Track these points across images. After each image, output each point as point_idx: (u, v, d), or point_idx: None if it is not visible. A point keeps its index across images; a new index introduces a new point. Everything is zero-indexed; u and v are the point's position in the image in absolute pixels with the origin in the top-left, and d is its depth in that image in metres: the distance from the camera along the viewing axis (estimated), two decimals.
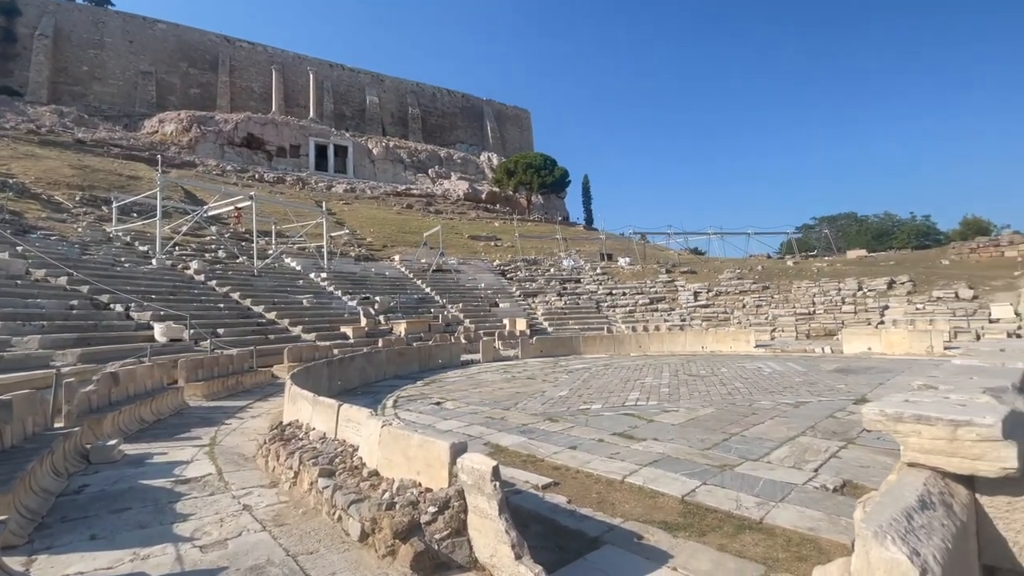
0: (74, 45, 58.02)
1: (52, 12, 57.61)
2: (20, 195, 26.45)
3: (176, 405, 9.68)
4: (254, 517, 4.45)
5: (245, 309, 19.15)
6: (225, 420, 8.82)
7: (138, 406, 8.36)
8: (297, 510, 4.56)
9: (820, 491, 4.94)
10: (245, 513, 4.55)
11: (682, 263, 39.53)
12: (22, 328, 10.74)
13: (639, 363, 17.35)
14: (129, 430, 7.67)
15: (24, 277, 14.48)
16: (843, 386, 11.17)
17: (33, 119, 46.83)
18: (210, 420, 8.78)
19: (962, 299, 22.97)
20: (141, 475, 5.66)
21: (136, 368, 9.30)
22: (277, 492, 5.08)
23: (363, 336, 19.44)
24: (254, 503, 4.80)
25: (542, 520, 4.40)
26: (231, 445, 7.12)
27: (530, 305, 30.65)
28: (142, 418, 8.35)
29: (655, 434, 7.30)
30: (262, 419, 8.84)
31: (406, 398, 11.31)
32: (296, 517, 4.42)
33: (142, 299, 15.56)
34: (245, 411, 9.74)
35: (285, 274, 25.42)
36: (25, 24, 55.49)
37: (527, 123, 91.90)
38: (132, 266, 19.52)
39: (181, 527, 4.22)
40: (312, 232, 31.32)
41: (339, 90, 72.98)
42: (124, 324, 14.22)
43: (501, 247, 44.07)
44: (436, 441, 3.67)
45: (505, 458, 6.28)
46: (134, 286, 16.64)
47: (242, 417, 9.17)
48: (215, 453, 6.66)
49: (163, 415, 8.97)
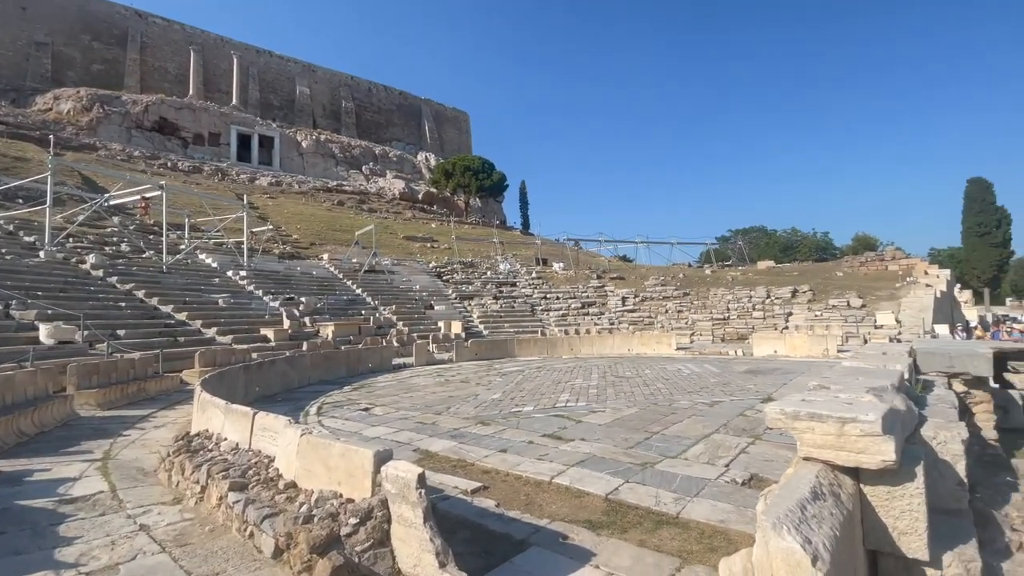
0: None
1: None
2: None
3: (63, 415, 8.65)
4: (152, 537, 4.06)
5: (151, 309, 17.52)
6: (123, 431, 8.00)
7: (16, 417, 7.38)
8: (204, 528, 4.21)
9: (730, 485, 5.29)
10: (142, 534, 4.14)
11: (612, 269, 41.08)
12: None
13: (570, 365, 17.78)
14: (5, 444, 6.76)
15: None
16: (752, 386, 12.07)
17: None
18: (105, 432, 7.92)
19: (853, 307, 25.65)
20: (18, 495, 5.00)
21: (15, 374, 8.20)
22: (181, 509, 4.67)
23: (286, 339, 18.42)
24: (153, 522, 4.38)
25: (470, 525, 4.37)
26: (129, 459, 6.46)
27: (466, 308, 30.50)
28: (21, 430, 7.38)
29: (583, 434, 7.50)
30: (167, 429, 8.11)
31: (332, 404, 10.84)
32: (202, 535, 4.08)
33: (25, 296, 13.79)
34: (147, 421, 8.90)
35: (199, 271, 23.55)
36: None
37: (466, 125, 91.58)
38: (15, 259, 17.24)
39: (64, 552, 3.76)
40: (232, 227, 29.28)
41: (266, 78, 68.89)
42: (2, 324, 12.54)
43: (437, 249, 43.54)
44: (359, 449, 3.52)
45: (434, 464, 6.18)
46: (16, 281, 14.72)
47: (143, 428, 8.37)
48: (109, 468, 6.02)
49: (47, 427, 7.98)
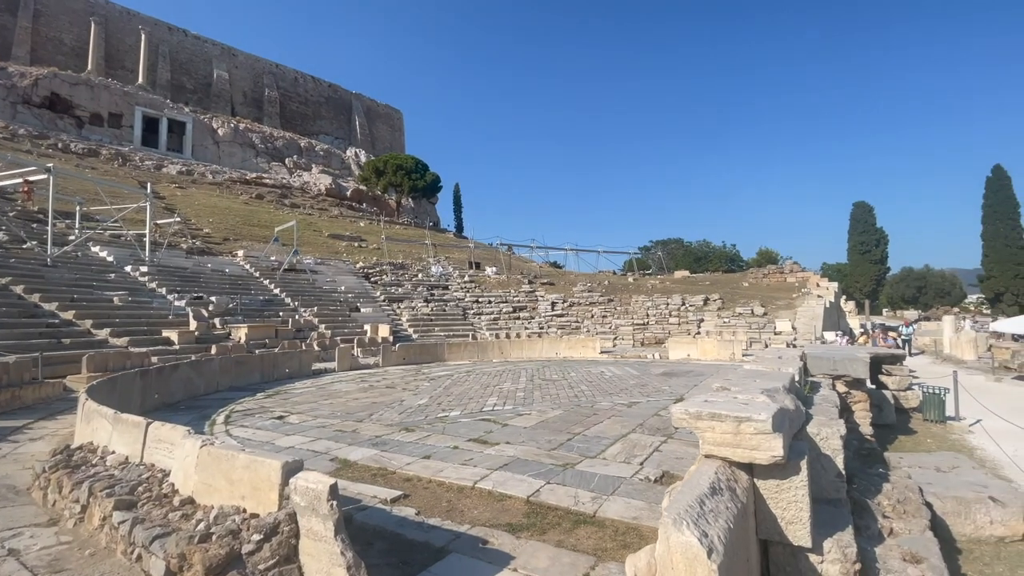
0: None
1: None
2: None
3: None
4: (23, 563, 3.58)
5: (31, 306, 15.45)
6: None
7: None
8: (83, 551, 3.78)
9: (644, 483, 5.57)
10: (11, 559, 3.65)
11: (543, 275, 41.91)
12: None
13: (500, 369, 17.88)
14: None
15: None
16: (667, 388, 12.80)
17: None
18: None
19: (756, 315, 28.00)
20: None
21: None
22: (58, 531, 4.15)
23: (192, 342, 16.98)
24: (24, 546, 3.87)
25: (387, 535, 4.25)
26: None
27: (395, 311, 29.73)
28: None
29: (508, 438, 7.57)
30: (45, 442, 7.19)
31: (242, 412, 10.13)
32: (81, 560, 3.65)
33: None
34: (22, 433, 7.83)
35: (91, 266, 21.12)
36: None
37: (399, 123, 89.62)
38: None
39: None
40: (132, 217, 26.58)
41: (179, 58, 63.37)
42: None
43: (366, 249, 42.12)
44: (266, 460, 3.31)
45: (353, 473, 5.97)
46: None
47: (17, 440, 7.36)
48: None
49: None
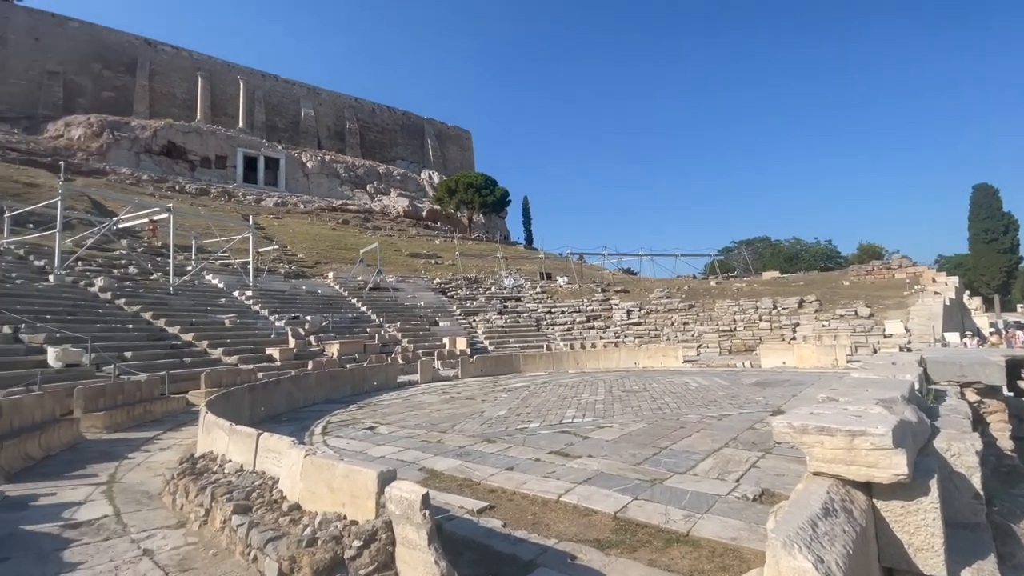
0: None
1: None
2: None
3: (70, 439, 8.65)
4: (156, 563, 4.02)
5: (158, 330, 17.61)
6: (128, 454, 7.98)
7: (23, 440, 7.39)
8: (207, 551, 4.17)
9: (741, 501, 5.19)
10: (145, 559, 4.10)
11: (616, 283, 41.04)
12: None
13: (576, 380, 17.65)
14: (12, 468, 6.75)
15: None
16: (761, 399, 11.92)
17: None
18: (110, 455, 7.91)
19: (861, 316, 25.41)
20: (24, 519, 4.98)
21: (23, 398, 8.23)
22: (185, 533, 4.63)
23: (291, 358, 18.43)
24: (156, 547, 4.34)
25: (476, 546, 4.30)
26: (134, 482, 6.44)
27: (471, 324, 30.47)
28: (28, 454, 7.37)
29: (590, 451, 7.41)
30: (172, 451, 8.09)
31: (337, 424, 10.79)
32: (205, 560, 4.03)
33: (34, 319, 13.91)
34: (153, 443, 8.88)
35: (205, 292, 23.72)
36: None
37: (468, 143, 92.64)
38: (25, 283, 17.46)
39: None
40: (238, 247, 29.54)
41: (272, 101, 70.18)
42: (12, 348, 12.65)
43: (441, 265, 43.69)
44: (363, 470, 3.49)
45: (440, 483, 6.12)
46: (25, 305, 14.87)
47: (149, 450, 8.35)
48: (114, 492, 5.99)
49: (53, 450, 7.98)
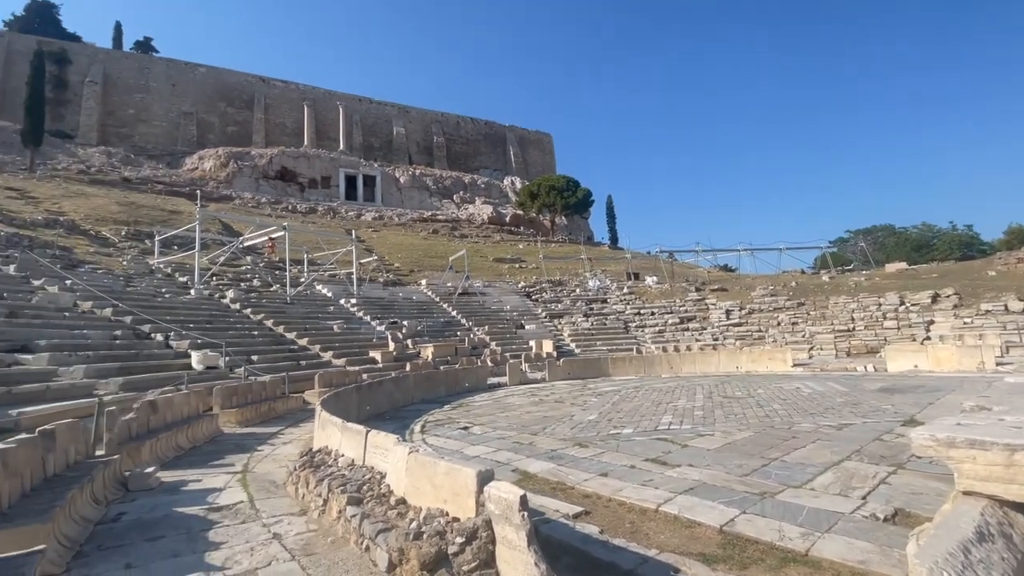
0: (121, 90, 62.15)
1: (102, 60, 62.09)
2: (70, 232, 28.06)
3: (211, 432, 9.89)
4: (283, 546, 4.44)
5: (278, 336, 19.62)
6: (257, 447, 8.95)
7: (175, 433, 8.57)
8: (326, 539, 4.54)
9: (870, 520, 4.64)
10: (275, 542, 4.55)
11: (712, 281, 38.77)
12: (68, 359, 11.24)
13: (671, 385, 16.91)
14: (166, 457, 7.85)
15: (72, 309, 15.23)
16: (889, 406, 10.60)
17: (83, 160, 50.02)
18: (243, 447, 8.91)
19: (1012, 312, 21.70)
20: (176, 503, 5.75)
21: (174, 396, 9.58)
22: (306, 520, 5.07)
23: (391, 360, 19.60)
24: (284, 531, 4.80)
25: (573, 551, 4.25)
26: (263, 472, 7.19)
27: (556, 326, 30.44)
28: (179, 445, 8.54)
29: (690, 460, 7.04)
30: (293, 445, 8.92)
31: (434, 423, 11.28)
32: (325, 546, 4.39)
33: (181, 328, 16.14)
34: (277, 437, 9.86)
35: (316, 301, 26.03)
36: (76, 72, 59.86)
37: (549, 146, 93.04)
38: (172, 296, 20.33)
39: (213, 556, 4.25)
40: (342, 259, 32.08)
41: (367, 122, 75.64)
42: (163, 353, 14.75)
43: (526, 269, 44.17)
44: (462, 469, 3.61)
45: (534, 485, 6.14)
46: (174, 316, 17.29)
47: (274, 443, 9.28)
48: (247, 480, 6.74)
49: (198, 442, 9.17)
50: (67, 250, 23.63)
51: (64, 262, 20.65)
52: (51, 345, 11.53)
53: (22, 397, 8.75)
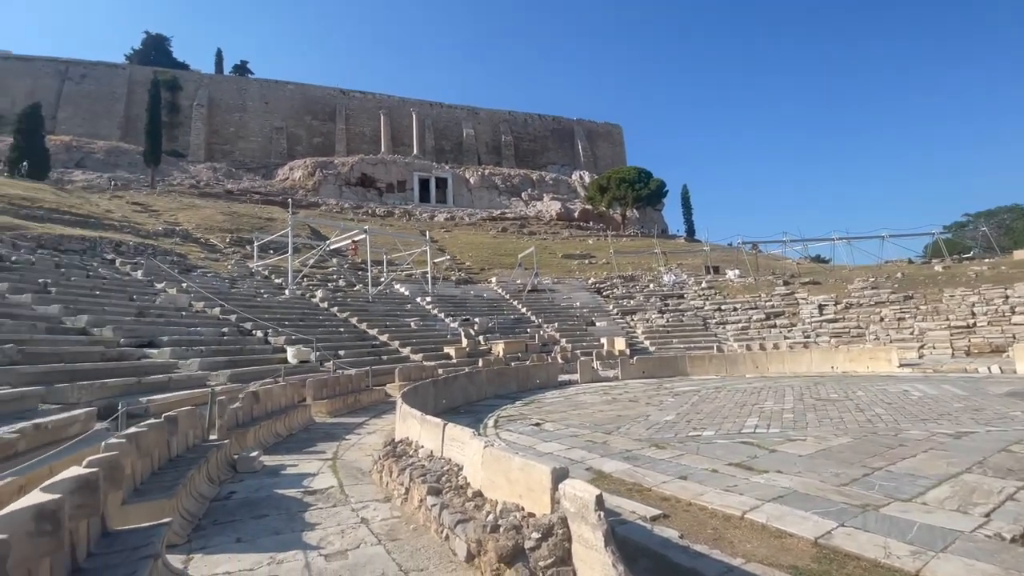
0: (223, 111, 68.86)
1: (206, 85, 69.18)
2: (185, 240, 31.60)
3: (305, 421, 10.71)
4: (370, 530, 4.72)
5: (361, 332, 20.84)
6: (345, 436, 9.57)
7: (274, 421, 9.38)
8: (408, 526, 4.76)
9: (993, 540, 4.10)
10: (363, 526, 4.84)
11: (802, 273, 35.96)
12: (186, 353, 12.66)
13: (756, 385, 15.92)
14: (267, 443, 8.62)
15: (187, 309, 17.14)
16: (1019, 413, 9.28)
17: (193, 175, 56.06)
18: (333, 435, 9.57)
19: None
20: (276, 485, 6.30)
21: (273, 387, 10.48)
22: (390, 507, 5.35)
23: (464, 356, 20.13)
24: (370, 516, 5.10)
25: (651, 555, 4.14)
26: (350, 460, 7.68)
27: (629, 323, 29.70)
28: (277, 432, 9.34)
29: (779, 466, 6.59)
30: (376, 435, 9.44)
31: (506, 418, 11.44)
32: (407, 533, 4.61)
33: (277, 325, 17.62)
34: (362, 427, 10.49)
35: (395, 299, 27.33)
36: (185, 96, 67.17)
37: (619, 138, 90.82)
38: (269, 296, 22.24)
39: (309, 536, 4.61)
40: (418, 259, 33.42)
41: (439, 126, 78.10)
42: (263, 348, 16.17)
43: (596, 264, 43.49)
44: (537, 465, 3.63)
45: (608, 485, 6.05)
46: (271, 314, 18.91)
47: (360, 433, 9.88)
48: (337, 467, 7.23)
49: (294, 430, 9.97)
50: (182, 256, 26.63)
51: (180, 267, 23.30)
52: (172, 341, 13.04)
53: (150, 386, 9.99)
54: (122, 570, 2.87)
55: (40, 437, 5.38)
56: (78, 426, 6.11)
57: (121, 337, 12.12)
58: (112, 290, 16.31)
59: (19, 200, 28.97)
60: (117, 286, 17.17)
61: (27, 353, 8.47)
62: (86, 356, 9.95)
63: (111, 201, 39.25)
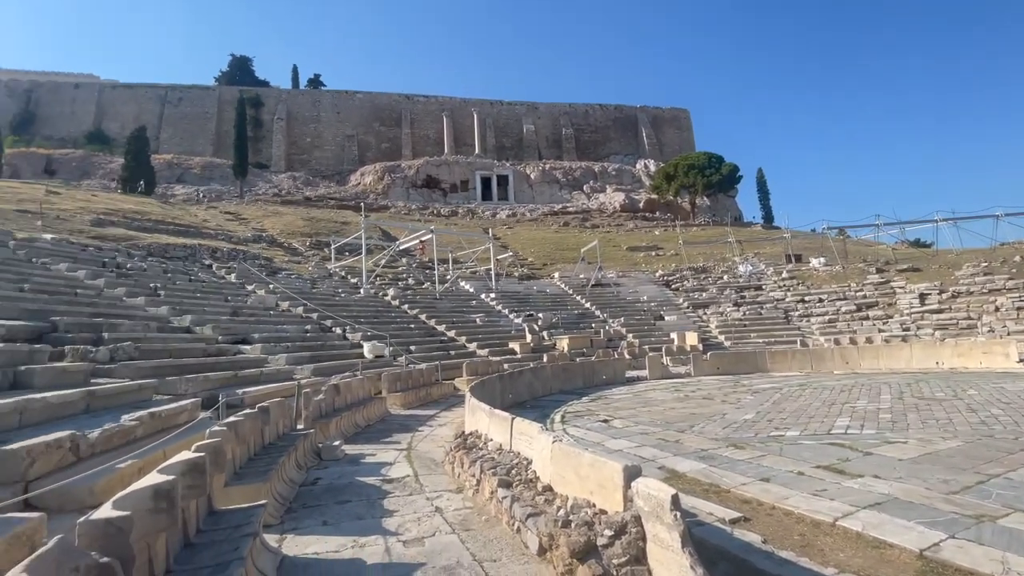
0: (300, 123, 73.58)
1: (285, 100, 74.24)
2: (271, 244, 34.18)
3: (381, 413, 11.25)
4: (445, 519, 4.86)
5: (430, 328, 21.54)
6: (418, 427, 9.94)
7: (353, 412, 9.93)
8: (480, 517, 4.86)
9: None
10: (437, 515, 5.01)
11: (899, 259, 32.69)
12: (274, 349, 13.70)
13: (846, 383, 14.72)
14: (347, 433, 9.14)
15: (275, 308, 18.53)
16: None
17: (276, 185, 60.42)
18: (407, 427, 9.98)
19: None
20: (357, 472, 6.67)
21: (351, 380, 11.10)
22: (462, 497, 5.49)
23: (529, 352, 20.23)
24: (444, 506, 5.26)
25: (732, 559, 3.94)
26: (424, 450, 7.97)
27: (701, 317, 28.45)
28: (356, 423, 9.88)
29: (875, 470, 6.04)
30: (447, 428, 9.73)
31: (573, 414, 11.36)
32: (479, 523, 4.70)
33: (354, 322, 18.62)
34: (433, 420, 10.85)
35: (461, 296, 27.99)
36: (267, 112, 72.39)
37: (686, 122, 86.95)
38: (346, 295, 23.55)
39: (387, 522, 4.83)
40: (481, 256, 33.99)
41: (499, 124, 78.75)
42: (342, 344, 17.16)
43: (664, 256, 42.03)
44: (608, 462, 3.57)
45: (683, 485, 5.83)
46: (348, 312, 20.01)
47: (431, 425, 10.23)
48: (412, 457, 7.53)
49: (371, 421, 10.50)
50: (269, 260, 28.82)
51: (267, 270, 25.23)
52: (262, 338, 14.15)
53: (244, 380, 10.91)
54: (227, 546, 3.16)
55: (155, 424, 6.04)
56: (185, 415, 6.80)
57: (219, 334, 13.33)
58: (210, 292, 17.97)
59: (131, 213, 32.67)
60: (214, 288, 18.90)
61: (142, 350, 9.54)
62: (190, 352, 11.04)
63: (207, 211, 43.26)
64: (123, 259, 19.19)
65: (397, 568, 3.82)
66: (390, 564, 3.91)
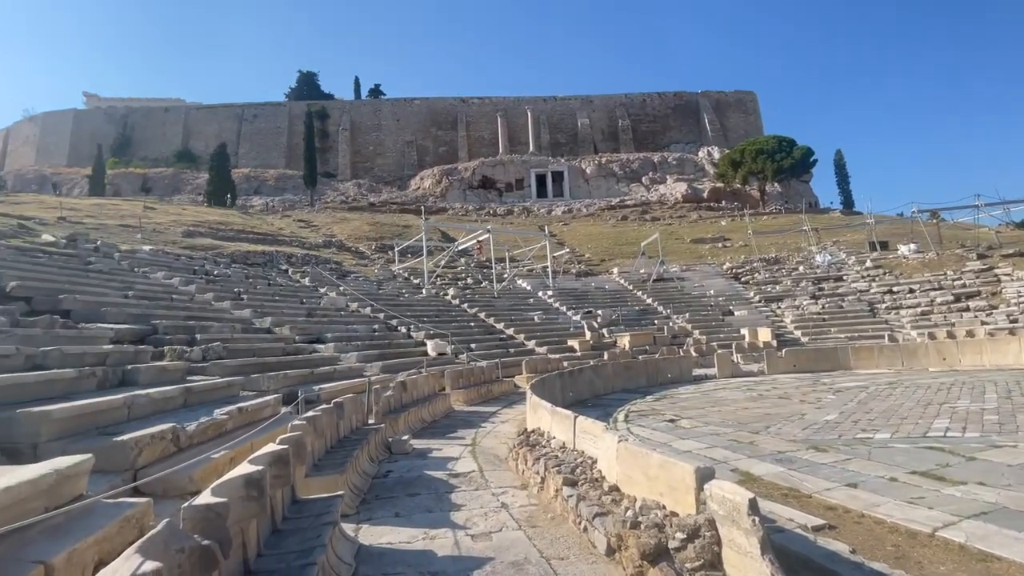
0: (362, 132, 76.89)
1: (348, 111, 77.85)
2: (340, 249, 36.01)
3: (445, 409, 11.56)
4: (511, 515, 4.92)
5: (490, 326, 21.83)
6: (481, 424, 10.12)
7: (420, 408, 10.27)
8: (546, 514, 4.87)
9: None
10: (503, 511, 5.07)
11: (1004, 243, 29.24)
12: (345, 347, 14.43)
13: (944, 381, 13.40)
14: (415, 428, 9.47)
15: (345, 309, 19.51)
16: None
17: (342, 192, 63.55)
18: (470, 423, 10.18)
19: None
20: (425, 466, 6.89)
21: (417, 377, 11.49)
22: (527, 495, 5.52)
23: (588, 349, 19.98)
24: (509, 502, 5.32)
25: (816, 569, 3.70)
26: (487, 446, 8.10)
27: (774, 312, 26.85)
28: (423, 419, 10.21)
29: (980, 477, 5.45)
30: (509, 424, 9.83)
31: (637, 413, 11.10)
32: (545, 521, 4.71)
33: (417, 321, 19.24)
34: (495, 416, 11.00)
35: (518, 294, 28.13)
36: (332, 123, 76.24)
37: (753, 106, 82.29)
38: (409, 296, 24.38)
39: (456, 515, 4.95)
40: (537, 254, 33.97)
41: (553, 120, 78.30)
42: (407, 342, 17.79)
43: (731, 248, 40.06)
44: (678, 463, 3.45)
45: (759, 489, 5.53)
46: (412, 311, 20.70)
47: (493, 422, 10.37)
48: (476, 452, 7.67)
49: (436, 417, 10.81)
50: (339, 264, 30.38)
51: (337, 273, 26.61)
52: (334, 337, 14.95)
53: (319, 377, 11.58)
54: (310, 533, 3.37)
55: (242, 418, 6.56)
56: (269, 410, 7.33)
57: (296, 335, 14.23)
58: (287, 295, 19.22)
59: (216, 224, 35.57)
60: (291, 292, 20.19)
61: (230, 349, 10.36)
62: (271, 351, 11.88)
63: (281, 220, 46.28)
64: (210, 266, 20.95)
65: (467, 561, 3.91)
66: (459, 557, 4.01)
